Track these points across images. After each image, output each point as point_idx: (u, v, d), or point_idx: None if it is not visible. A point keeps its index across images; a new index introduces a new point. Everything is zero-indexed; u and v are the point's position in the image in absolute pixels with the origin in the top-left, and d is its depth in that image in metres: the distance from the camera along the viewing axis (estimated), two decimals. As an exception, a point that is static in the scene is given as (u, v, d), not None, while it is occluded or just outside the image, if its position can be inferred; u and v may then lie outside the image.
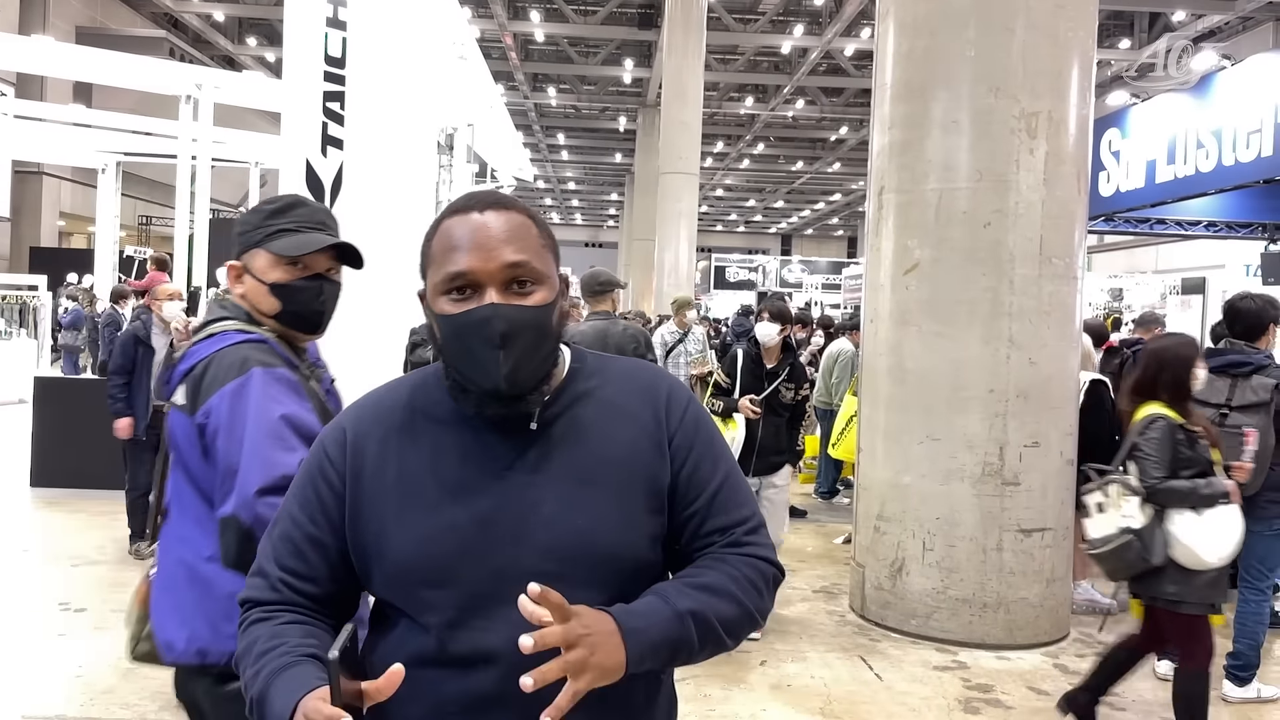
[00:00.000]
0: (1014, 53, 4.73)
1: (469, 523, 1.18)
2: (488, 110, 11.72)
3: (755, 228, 55.92)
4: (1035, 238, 4.78)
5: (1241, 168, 7.28)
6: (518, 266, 1.19)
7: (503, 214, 1.22)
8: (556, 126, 34.72)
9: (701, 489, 1.27)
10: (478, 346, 1.17)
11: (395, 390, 1.32)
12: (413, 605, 1.19)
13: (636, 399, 1.29)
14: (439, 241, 1.22)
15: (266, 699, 1.12)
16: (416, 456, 1.23)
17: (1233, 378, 4.27)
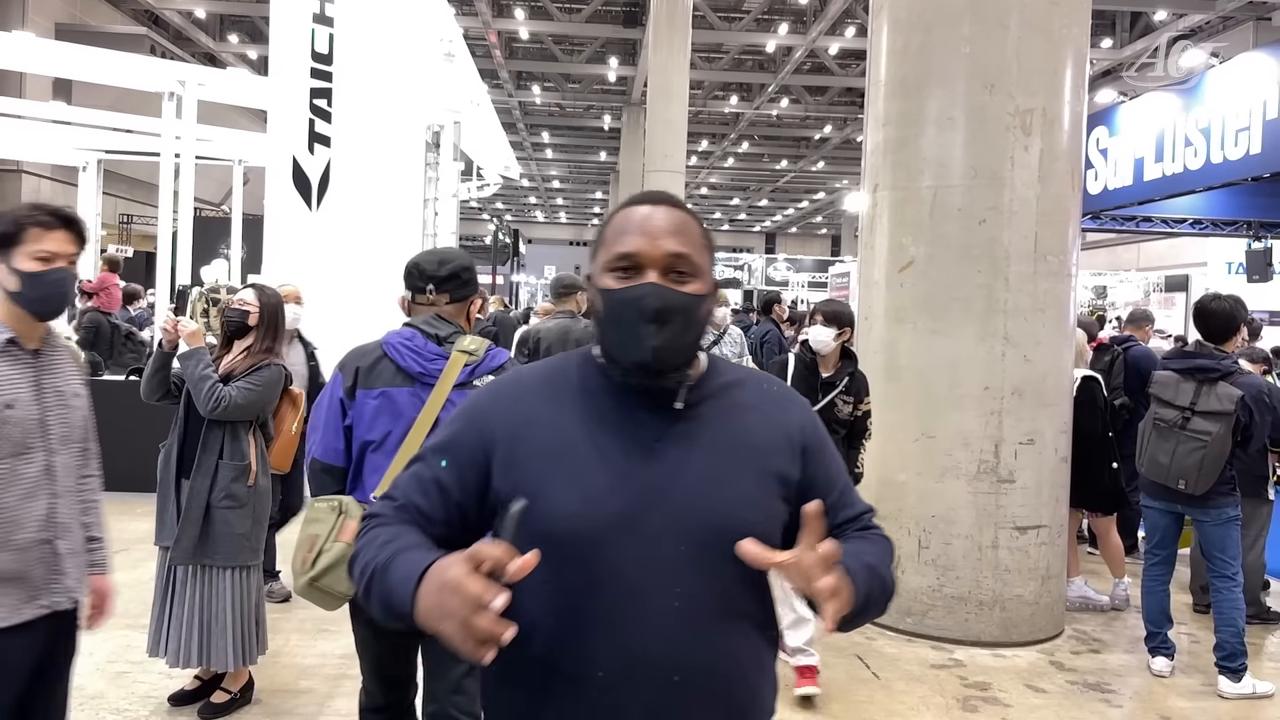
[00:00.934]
0: (1009, 49, 4.72)
1: (620, 488, 1.28)
2: (474, 107, 11.64)
3: (740, 226, 55.94)
4: (1030, 235, 4.77)
5: (1230, 165, 7.31)
6: (679, 257, 1.31)
7: (674, 210, 1.36)
8: (541, 125, 34.60)
9: (831, 487, 1.42)
10: (633, 320, 1.29)
11: (557, 364, 1.45)
12: (555, 563, 1.23)
13: (771, 403, 1.44)
14: (612, 227, 1.37)
15: (389, 567, 1.20)
16: (571, 422, 1.34)
17: (1199, 382, 4.28)
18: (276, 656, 4.38)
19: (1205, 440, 4.15)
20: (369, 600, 1.25)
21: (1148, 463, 4.39)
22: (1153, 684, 4.44)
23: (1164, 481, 4.30)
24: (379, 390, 2.61)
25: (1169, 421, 4.30)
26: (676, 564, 1.27)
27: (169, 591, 3.70)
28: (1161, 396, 4.39)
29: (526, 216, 54.97)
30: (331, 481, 2.63)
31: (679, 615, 1.26)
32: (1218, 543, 4.28)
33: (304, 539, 2.59)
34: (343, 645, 4.53)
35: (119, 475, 7.63)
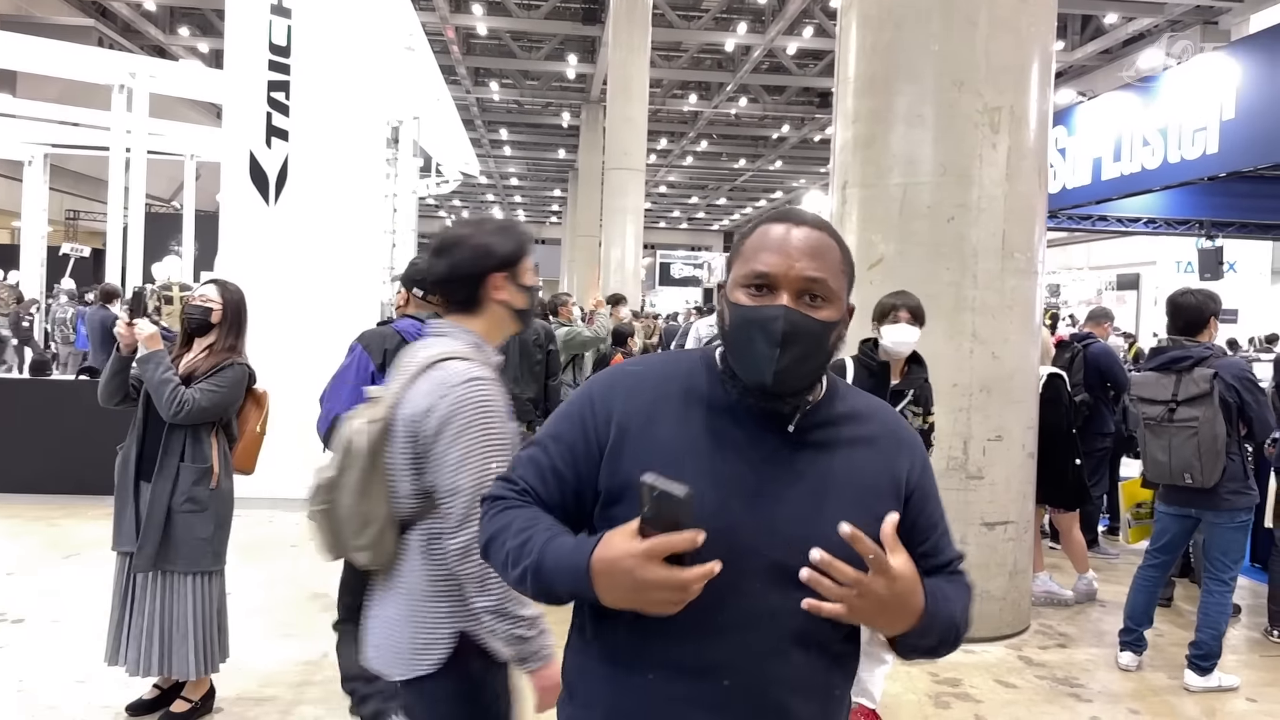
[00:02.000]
0: (978, 47, 4.74)
1: (721, 500, 1.27)
2: (434, 103, 11.51)
3: (698, 224, 56.07)
4: (998, 232, 4.79)
5: (1187, 165, 7.43)
6: (815, 281, 1.28)
7: (815, 232, 1.32)
8: (499, 122, 34.36)
9: (932, 530, 1.41)
10: (759, 340, 1.28)
11: (673, 363, 1.43)
12: None
13: (884, 437, 1.41)
14: (752, 241, 1.34)
15: (544, 560, 1.26)
16: (682, 427, 1.33)
17: (1176, 373, 4.33)
18: (238, 663, 4.26)
19: (1194, 426, 4.17)
20: (529, 589, 1.31)
21: (1150, 465, 4.39)
22: (1121, 678, 4.49)
23: (1170, 480, 4.30)
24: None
25: (1156, 418, 4.32)
26: (769, 584, 1.27)
27: (128, 598, 3.58)
28: (1144, 395, 4.41)
29: (484, 214, 54.65)
30: None
31: (767, 634, 1.28)
32: (1224, 546, 4.29)
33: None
34: (306, 650, 4.43)
35: (69, 478, 7.46)
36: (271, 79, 7.49)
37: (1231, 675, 4.39)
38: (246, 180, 7.50)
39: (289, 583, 5.52)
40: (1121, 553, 6.82)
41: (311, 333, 7.01)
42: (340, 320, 7.56)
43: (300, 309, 7.36)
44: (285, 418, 7.36)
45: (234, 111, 7.56)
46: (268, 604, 5.14)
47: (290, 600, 5.22)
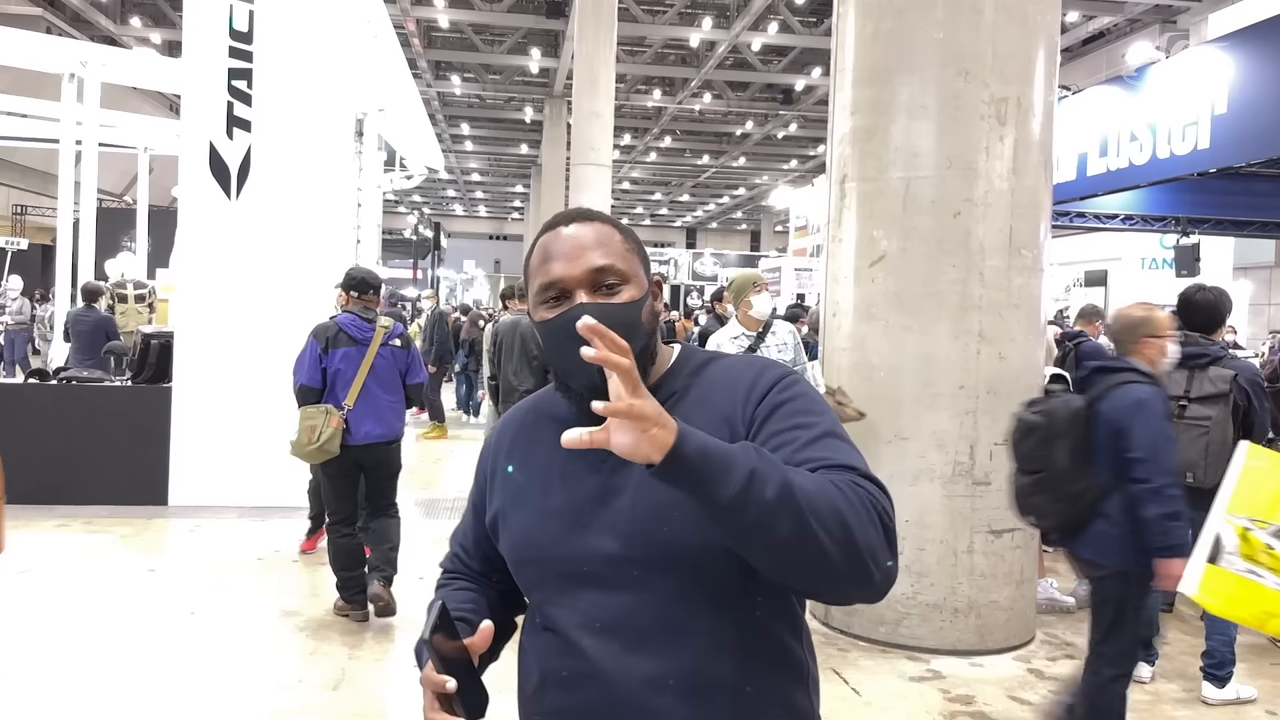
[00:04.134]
0: (983, 35, 4.55)
1: (562, 510, 1.29)
2: (399, 95, 11.17)
3: (661, 221, 55.90)
4: (1005, 228, 4.62)
5: (1176, 160, 7.34)
6: (603, 270, 1.27)
7: (587, 225, 1.32)
8: (460, 116, 33.89)
9: (782, 447, 1.18)
10: (571, 345, 1.16)
11: (543, 392, 1.45)
12: (522, 583, 1.38)
13: (723, 389, 1.31)
14: (533, 260, 1.33)
15: (419, 655, 1.32)
16: (534, 453, 1.37)
17: (1190, 370, 4.22)
18: (206, 688, 3.96)
19: (1206, 425, 4.06)
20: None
21: None
22: (1136, 692, 4.31)
23: None
24: (341, 350, 4.83)
25: None
26: (622, 584, 1.24)
27: None
28: None
29: (445, 210, 53.96)
30: (313, 396, 4.76)
31: (631, 635, 1.23)
32: None
33: (305, 428, 4.69)
34: (281, 675, 4.13)
35: (15, 486, 7.03)
36: (233, 66, 7.13)
37: (1249, 687, 4.26)
38: (206, 173, 7.15)
39: (252, 597, 5.21)
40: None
41: (275, 331, 6.68)
42: (306, 318, 7.24)
43: (264, 306, 7.02)
44: (249, 421, 7.03)
45: (193, 101, 7.19)
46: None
47: (256, 617, 4.90)
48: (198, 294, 7.22)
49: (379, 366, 4.84)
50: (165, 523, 6.82)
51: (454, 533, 1.53)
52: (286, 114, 7.25)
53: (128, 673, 4.17)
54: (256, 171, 7.21)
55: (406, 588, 5.04)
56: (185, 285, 7.37)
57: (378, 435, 4.80)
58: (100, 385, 7.65)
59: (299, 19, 7.26)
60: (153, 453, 7.11)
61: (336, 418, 4.68)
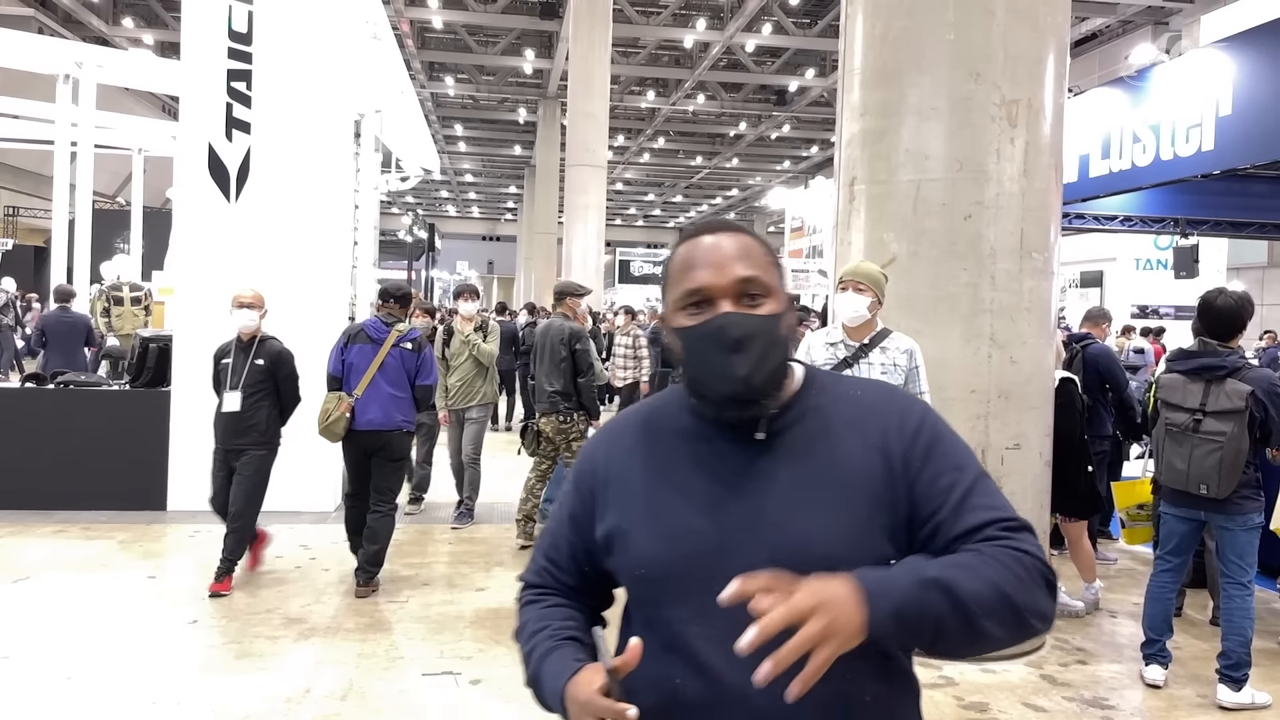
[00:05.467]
0: (994, 37, 4.52)
1: (702, 527, 1.27)
2: (398, 96, 11.10)
3: (654, 222, 55.90)
4: (1016, 231, 4.59)
5: (1180, 162, 7.32)
6: (748, 281, 1.27)
7: (732, 235, 1.32)
8: (454, 117, 33.86)
9: (943, 498, 1.25)
10: (715, 353, 1.26)
11: (650, 405, 1.44)
12: (650, 603, 1.30)
13: (868, 415, 1.32)
14: (675, 264, 1.33)
15: (540, 679, 1.32)
16: (657, 464, 1.34)
17: (1206, 381, 4.18)
18: (211, 703, 3.90)
19: (1220, 441, 4.02)
20: (532, 690, 1.35)
21: (1166, 470, 4.24)
22: (1149, 696, 4.30)
23: (1184, 488, 4.15)
24: (358, 346, 5.55)
25: (1180, 425, 4.16)
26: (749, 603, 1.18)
27: None
28: (1170, 400, 4.24)
29: (438, 211, 53.84)
30: (335, 384, 5.50)
31: (761, 658, 1.12)
32: (1238, 550, 4.16)
33: (322, 410, 5.43)
34: (283, 684, 4.08)
35: (14, 493, 6.96)
36: (232, 68, 7.07)
37: (1263, 692, 4.23)
38: (205, 175, 7.08)
39: (254, 605, 5.15)
40: (1119, 557, 6.71)
41: (276, 333, 6.61)
42: (306, 321, 7.19)
43: (275, 305, 6.95)
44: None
45: (192, 102, 7.12)
46: (238, 633, 4.77)
47: (259, 626, 4.85)
48: (197, 297, 7.15)
49: (389, 364, 5.49)
50: (164, 528, 6.75)
51: (539, 545, 1.48)
52: (286, 116, 7.19)
53: (128, 683, 4.10)
54: (256, 173, 7.15)
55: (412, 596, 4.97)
56: (184, 288, 7.31)
57: (378, 423, 5.42)
58: (98, 389, 7.57)
59: (298, 20, 7.20)
60: (151, 457, 7.04)
61: (345, 404, 5.39)
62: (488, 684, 4.19)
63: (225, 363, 5.45)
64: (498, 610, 5.25)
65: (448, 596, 5.47)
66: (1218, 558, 4.47)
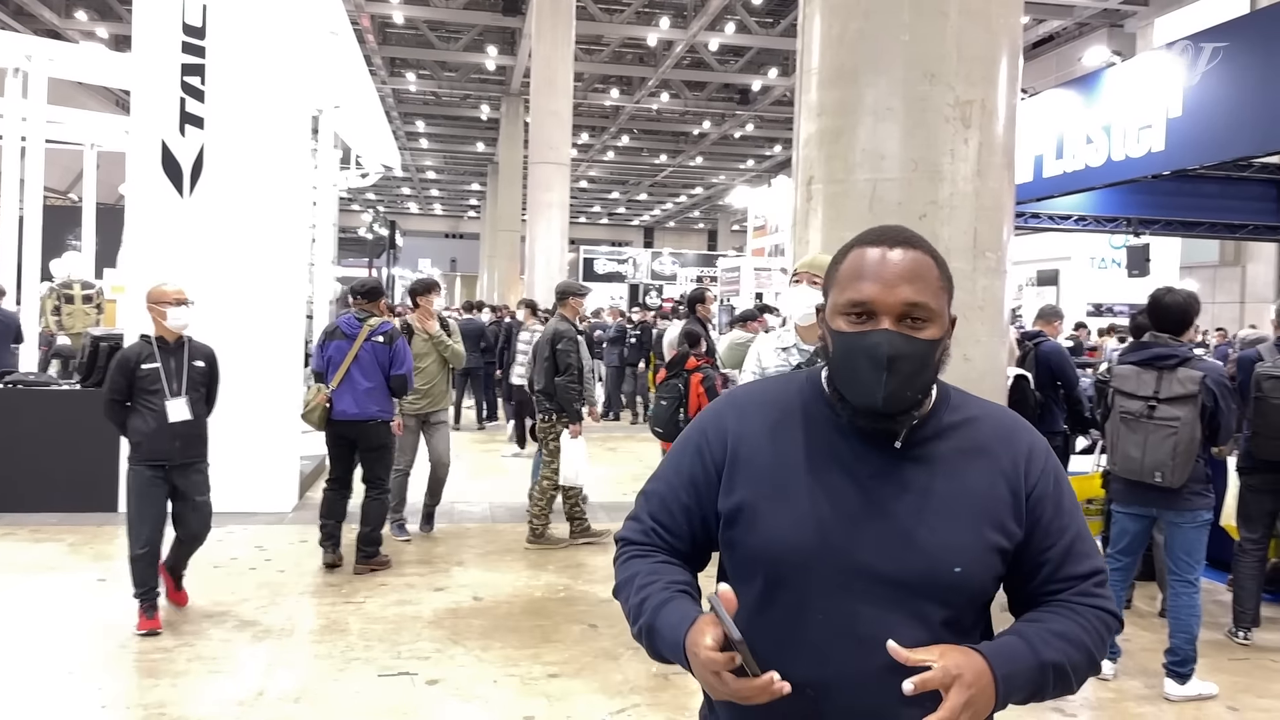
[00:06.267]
0: (949, 38, 4.55)
1: (832, 519, 1.31)
2: (355, 92, 10.99)
3: (618, 220, 55.89)
4: (970, 231, 4.63)
5: (1132, 163, 7.45)
6: (915, 305, 1.30)
7: (910, 252, 1.33)
8: (415, 113, 33.58)
9: (1057, 539, 1.36)
10: (865, 366, 1.29)
11: (782, 386, 1.46)
12: (768, 582, 1.34)
13: (999, 444, 1.38)
14: (847, 267, 1.35)
15: (656, 629, 1.33)
16: (793, 449, 1.37)
17: (1159, 370, 4.29)
18: (165, 710, 3.85)
19: (1175, 426, 4.12)
20: (644, 645, 1.38)
21: (1121, 460, 4.32)
22: (1100, 690, 4.38)
23: (1139, 477, 4.23)
24: (334, 342, 5.91)
25: (1135, 413, 4.25)
26: (880, 602, 1.29)
27: None
28: (1124, 389, 4.35)
29: (400, 208, 53.41)
30: (320, 378, 5.85)
31: (877, 650, 1.25)
32: (1186, 546, 4.25)
33: (305, 400, 5.87)
34: (238, 688, 4.03)
35: None
36: (185, 62, 6.97)
37: (1209, 683, 4.32)
38: (158, 170, 6.97)
39: (210, 608, 5.08)
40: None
41: (229, 331, 6.54)
42: (261, 318, 7.10)
43: (218, 307, 6.86)
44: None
45: (144, 97, 7.01)
46: (191, 635, 4.71)
47: (212, 629, 4.78)
48: (149, 295, 7.03)
49: (362, 358, 5.81)
50: (116, 530, 6.62)
51: (644, 503, 1.48)
52: (241, 110, 7.09)
53: (78, 687, 4.03)
54: (210, 169, 7.05)
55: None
56: (136, 285, 7.18)
57: (353, 414, 5.78)
58: (48, 389, 7.42)
59: (254, 14, 7.11)
60: (102, 458, 6.91)
61: (322, 395, 5.76)
62: (446, 684, 4.16)
63: (150, 368, 4.70)
64: (456, 610, 5.22)
65: (405, 597, 5.43)
66: (1167, 554, 4.56)
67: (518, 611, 5.24)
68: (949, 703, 1.17)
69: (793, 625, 1.31)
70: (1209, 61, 6.82)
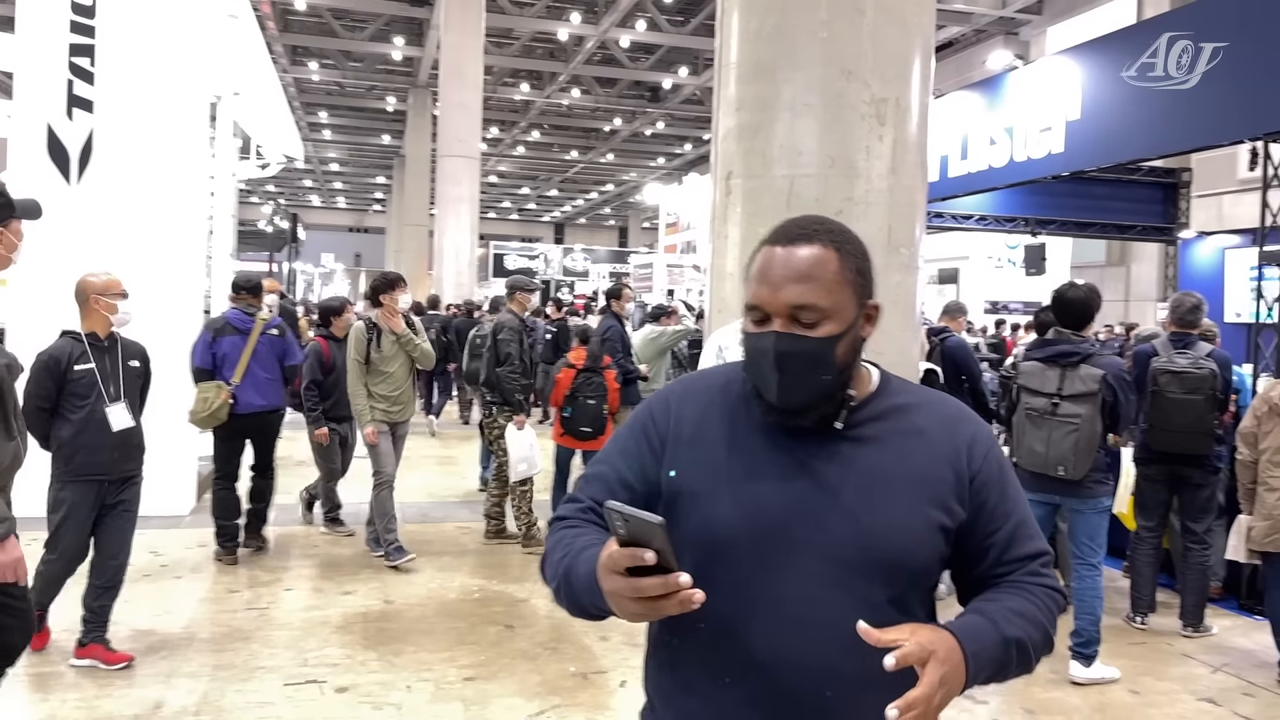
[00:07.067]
0: (864, 35, 4.59)
1: (772, 498, 1.32)
2: (256, 79, 10.60)
3: (529, 216, 55.47)
4: (884, 227, 4.69)
5: (1033, 164, 7.68)
6: (802, 308, 1.30)
7: (806, 250, 1.32)
8: (318, 104, 32.68)
9: (1003, 523, 1.37)
10: (760, 366, 1.33)
11: (724, 372, 1.47)
12: (708, 563, 1.30)
13: (942, 428, 1.39)
14: (753, 268, 1.37)
15: (572, 571, 1.29)
16: (733, 430, 1.38)
17: (1062, 367, 4.43)
18: (51, 725, 3.62)
19: (1076, 423, 4.26)
20: (564, 603, 1.34)
21: (1025, 454, 4.44)
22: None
23: (1043, 470, 4.36)
24: (227, 338, 5.91)
25: (1039, 409, 4.38)
26: (822, 581, 1.29)
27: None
28: (1029, 386, 4.47)
29: (302, 200, 51.96)
30: (205, 375, 5.85)
31: (823, 630, 1.27)
32: (1089, 531, 4.40)
33: (200, 400, 5.81)
34: (134, 704, 3.82)
35: None
36: (74, 42, 6.59)
37: (1111, 667, 4.47)
38: (44, 156, 6.59)
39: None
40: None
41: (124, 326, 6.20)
42: (156, 313, 6.75)
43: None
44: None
45: (28, 79, 6.61)
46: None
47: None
48: (32, 286, 6.64)
49: (260, 351, 5.97)
50: None
51: (585, 485, 1.46)
52: (134, 94, 6.75)
53: (-43, 707, 3.77)
54: (100, 155, 6.70)
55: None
56: (19, 278, 6.77)
57: (260, 405, 5.95)
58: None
59: (147, -7, 6.77)
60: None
61: (226, 392, 5.80)
62: (356, 691, 4.02)
63: (84, 370, 4.09)
64: (365, 614, 5.06)
65: (312, 602, 5.25)
66: (1070, 540, 4.72)
67: (431, 614, 5.11)
68: (926, 678, 1.16)
69: (734, 607, 1.30)
70: (1106, 67, 7.07)
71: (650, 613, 1.15)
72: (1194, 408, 5.03)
